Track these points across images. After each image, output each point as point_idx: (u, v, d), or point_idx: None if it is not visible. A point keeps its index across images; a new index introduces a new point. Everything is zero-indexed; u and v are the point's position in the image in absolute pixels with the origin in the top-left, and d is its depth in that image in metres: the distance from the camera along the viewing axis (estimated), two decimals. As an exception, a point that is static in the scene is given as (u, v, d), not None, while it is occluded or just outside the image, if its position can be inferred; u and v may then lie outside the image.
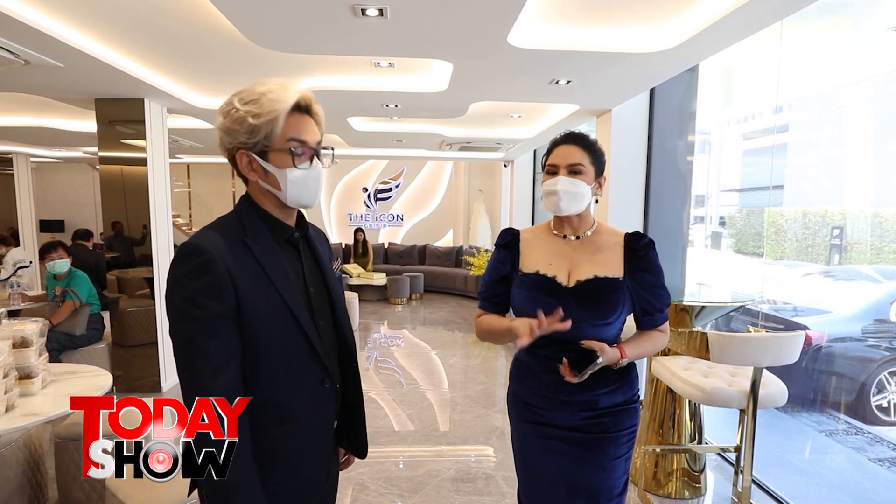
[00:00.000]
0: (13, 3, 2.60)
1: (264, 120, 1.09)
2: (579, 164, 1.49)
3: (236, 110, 1.09)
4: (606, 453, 1.50)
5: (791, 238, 5.24)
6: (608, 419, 1.49)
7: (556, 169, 1.51)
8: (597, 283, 1.47)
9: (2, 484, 2.44)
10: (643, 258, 1.50)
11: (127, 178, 4.51)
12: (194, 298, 1.04)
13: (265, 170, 1.14)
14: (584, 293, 1.47)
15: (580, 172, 1.49)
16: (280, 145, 1.12)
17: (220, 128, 1.13)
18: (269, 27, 2.81)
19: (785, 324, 4.48)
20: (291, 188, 1.14)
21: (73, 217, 11.11)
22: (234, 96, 1.12)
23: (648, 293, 1.50)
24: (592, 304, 1.46)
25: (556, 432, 1.51)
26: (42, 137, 6.86)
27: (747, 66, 5.45)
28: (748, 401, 2.28)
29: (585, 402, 1.48)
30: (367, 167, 11.19)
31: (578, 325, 1.43)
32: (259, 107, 1.08)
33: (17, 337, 2.20)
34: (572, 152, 1.50)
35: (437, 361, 5.62)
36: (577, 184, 1.48)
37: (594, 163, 1.52)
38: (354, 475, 3.08)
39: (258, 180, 1.15)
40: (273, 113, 1.09)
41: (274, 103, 1.09)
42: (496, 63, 3.37)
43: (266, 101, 1.09)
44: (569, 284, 1.49)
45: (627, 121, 4.39)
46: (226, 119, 1.11)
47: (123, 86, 3.94)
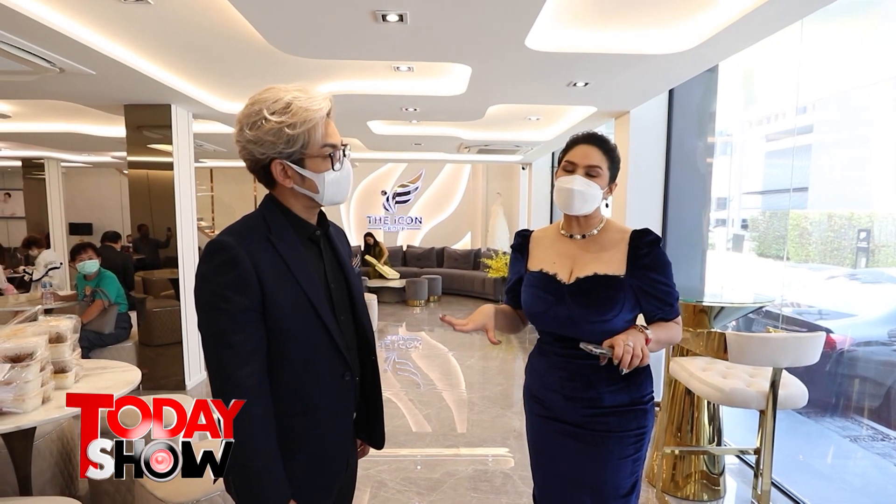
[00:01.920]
0: (50, 13, 2.71)
1: (301, 130, 1.12)
2: (597, 166, 1.49)
3: (267, 121, 1.10)
4: (612, 452, 1.48)
5: (816, 241, 5.15)
6: (614, 419, 1.47)
7: (574, 167, 1.51)
8: (595, 280, 1.48)
9: (37, 474, 2.53)
10: (646, 255, 1.48)
11: (153, 182, 4.64)
12: (222, 293, 1.09)
13: (301, 175, 1.17)
14: (581, 290, 1.47)
15: (597, 175, 1.49)
16: (317, 151, 1.16)
17: (249, 140, 1.13)
18: (293, 33, 2.89)
19: (807, 326, 4.40)
20: (329, 189, 1.20)
21: (100, 220, 11.41)
22: (258, 105, 1.12)
23: (654, 291, 1.48)
24: (589, 301, 1.46)
25: (564, 427, 1.53)
26: (72, 143, 7.08)
27: (769, 66, 5.38)
28: (767, 402, 2.27)
29: (589, 400, 1.48)
30: (386, 170, 11.28)
31: (576, 322, 1.45)
32: (292, 116, 1.11)
33: (53, 332, 2.29)
34: (592, 153, 1.50)
35: (455, 363, 5.65)
36: (592, 185, 1.49)
37: (610, 168, 1.52)
38: (373, 472, 3.13)
39: (294, 186, 1.19)
40: (310, 122, 1.12)
41: (307, 112, 1.12)
42: (514, 66, 3.40)
43: (297, 109, 1.11)
44: (568, 282, 1.50)
45: (646, 122, 4.38)
46: (257, 131, 1.12)
47: (151, 92, 4.07)
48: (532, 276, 1.58)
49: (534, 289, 1.55)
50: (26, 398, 2.02)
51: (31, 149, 7.64)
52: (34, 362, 2.05)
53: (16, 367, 1.99)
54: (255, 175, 1.21)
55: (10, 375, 1.97)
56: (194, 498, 2.03)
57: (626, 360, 1.29)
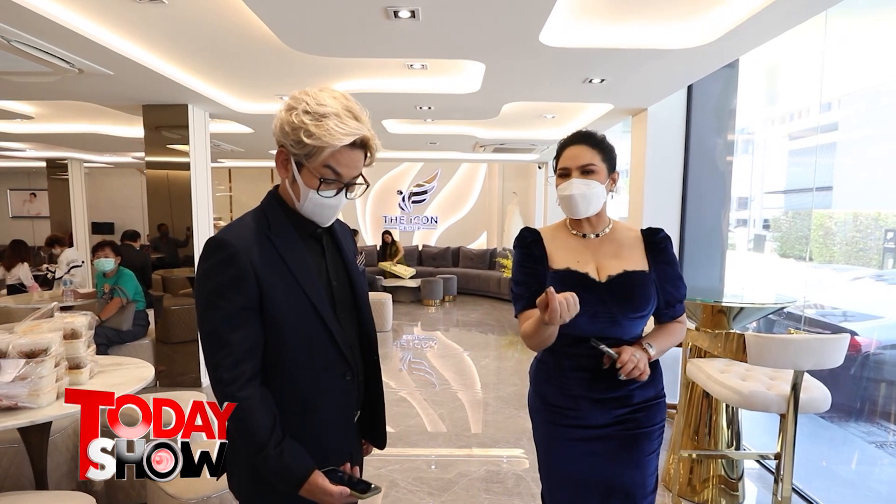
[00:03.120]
0: (68, 14, 2.75)
1: (313, 144, 1.10)
2: (590, 163, 1.47)
3: (298, 115, 1.10)
4: (641, 449, 1.49)
5: (840, 241, 5.01)
6: (642, 414, 1.49)
7: (569, 171, 1.49)
8: (628, 276, 1.47)
9: (53, 468, 2.57)
10: (663, 251, 1.53)
11: (172, 181, 4.70)
12: (219, 291, 1.09)
13: (293, 176, 1.16)
14: (618, 287, 1.46)
15: (592, 172, 1.47)
16: (315, 169, 1.14)
17: (280, 117, 1.14)
18: (306, 32, 2.89)
19: (830, 328, 4.28)
20: (308, 206, 1.18)
21: (121, 219, 11.63)
22: (305, 97, 1.12)
23: (670, 284, 1.52)
24: (628, 297, 1.45)
25: (590, 433, 1.49)
26: (94, 143, 7.22)
27: (792, 60, 5.26)
28: (788, 405, 2.20)
29: (620, 399, 1.47)
30: (402, 170, 11.30)
31: (616, 319, 1.44)
32: (317, 128, 1.09)
33: (68, 329, 2.32)
34: (582, 153, 1.49)
35: (470, 363, 5.62)
36: (590, 184, 1.47)
37: (605, 160, 1.50)
38: (385, 472, 3.12)
39: (286, 180, 1.19)
40: (325, 145, 1.10)
41: (329, 135, 1.09)
42: (528, 63, 3.36)
43: (324, 126, 1.09)
44: (601, 280, 1.48)
45: (664, 120, 4.30)
46: (287, 114, 1.12)
47: (169, 92, 4.12)
48: (559, 275, 1.51)
49: (565, 287, 1.45)
50: (41, 393, 2.04)
51: (55, 149, 7.81)
52: (49, 358, 2.07)
53: (31, 363, 2.01)
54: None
55: (24, 371, 1.99)
56: (205, 494, 2.04)
57: (627, 368, 1.35)
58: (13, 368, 1.98)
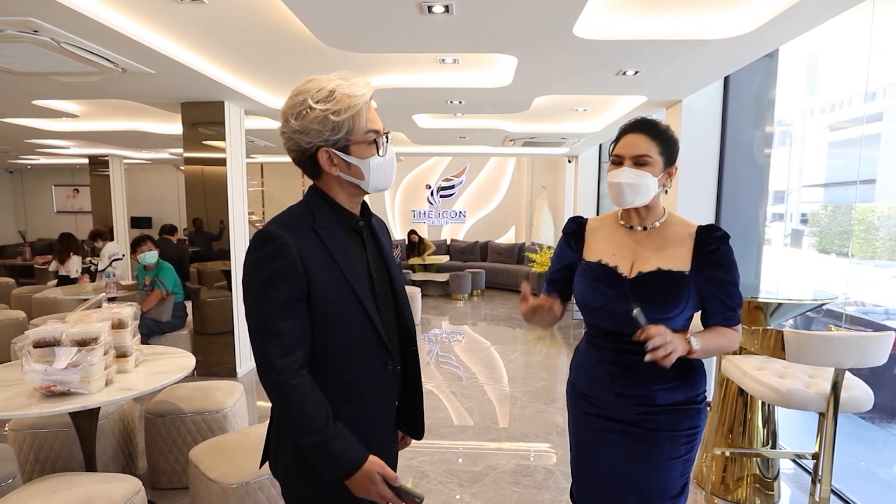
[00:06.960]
0: (113, 15, 2.85)
1: (345, 116, 1.14)
2: (646, 154, 1.41)
3: (312, 109, 1.13)
4: (662, 452, 1.44)
5: (884, 236, 4.84)
6: (666, 417, 1.43)
7: (622, 159, 1.44)
8: (659, 275, 1.42)
9: (101, 452, 2.69)
10: (714, 252, 1.41)
11: (207, 177, 4.82)
12: (270, 281, 1.11)
13: (347, 162, 1.19)
14: (644, 285, 1.42)
15: (646, 164, 1.41)
16: (361, 137, 1.18)
17: (295, 130, 1.15)
18: (341, 28, 2.93)
19: (872, 326, 4.15)
20: (374, 175, 1.21)
21: (159, 214, 11.98)
22: (302, 96, 1.14)
23: (719, 291, 1.42)
24: (653, 297, 1.40)
25: (612, 425, 1.48)
26: (133, 140, 7.45)
27: (835, 50, 5.07)
28: (828, 404, 2.15)
29: (640, 397, 1.44)
30: (431, 164, 11.32)
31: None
32: (337, 103, 1.13)
33: (115, 319, 2.42)
34: (639, 142, 1.42)
35: (498, 357, 5.63)
36: (642, 175, 1.41)
37: (663, 152, 1.43)
38: (416, 463, 3.16)
39: (340, 174, 1.20)
40: (354, 108, 1.14)
41: (351, 98, 1.14)
42: (561, 55, 3.34)
43: (341, 96, 1.13)
44: (630, 276, 1.44)
45: (699, 112, 4.21)
46: (302, 121, 1.14)
47: (206, 89, 4.22)
48: (589, 267, 1.51)
49: (591, 280, 1.49)
50: (91, 380, 2.14)
51: (97, 146, 8.10)
52: (98, 346, 2.17)
53: (82, 351, 2.11)
54: (300, 166, 1.22)
55: (77, 358, 2.09)
56: (244, 480, 2.11)
57: (654, 342, 1.24)
58: (66, 356, 2.08)
